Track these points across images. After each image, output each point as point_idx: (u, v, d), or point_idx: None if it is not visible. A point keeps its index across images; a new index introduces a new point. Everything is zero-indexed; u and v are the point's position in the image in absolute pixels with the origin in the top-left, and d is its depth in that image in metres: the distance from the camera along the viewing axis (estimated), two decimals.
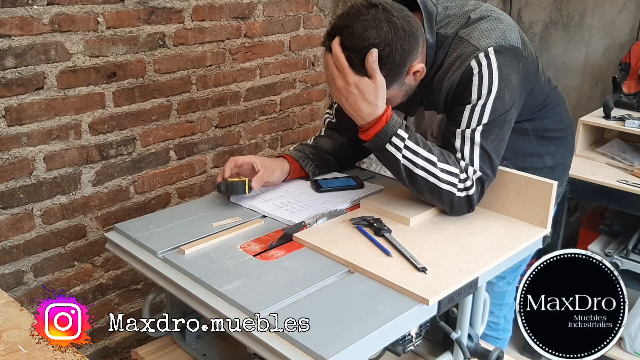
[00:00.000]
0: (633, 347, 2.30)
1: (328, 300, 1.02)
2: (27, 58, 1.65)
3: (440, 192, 1.26)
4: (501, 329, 1.76)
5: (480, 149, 1.27)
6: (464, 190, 1.27)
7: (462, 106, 1.28)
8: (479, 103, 1.26)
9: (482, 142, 1.27)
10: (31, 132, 1.71)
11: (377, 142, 1.25)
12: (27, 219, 1.76)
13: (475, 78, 1.25)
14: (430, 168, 1.25)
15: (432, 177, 1.25)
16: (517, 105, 1.31)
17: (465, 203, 1.28)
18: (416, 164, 1.24)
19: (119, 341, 2.09)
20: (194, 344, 1.40)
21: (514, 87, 1.28)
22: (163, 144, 2.06)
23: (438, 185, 1.25)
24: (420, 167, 1.24)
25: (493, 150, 1.28)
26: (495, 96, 1.25)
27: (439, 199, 1.28)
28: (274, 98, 2.42)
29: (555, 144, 1.54)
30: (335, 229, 1.27)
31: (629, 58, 2.53)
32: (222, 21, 2.12)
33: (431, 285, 1.04)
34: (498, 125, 1.28)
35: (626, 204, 2.13)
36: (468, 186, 1.27)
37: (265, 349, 0.94)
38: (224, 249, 1.21)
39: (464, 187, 1.27)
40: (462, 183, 1.27)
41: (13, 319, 1.03)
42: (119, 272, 2.04)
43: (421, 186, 1.26)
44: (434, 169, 1.25)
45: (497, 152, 1.29)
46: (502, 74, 1.25)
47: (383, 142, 1.24)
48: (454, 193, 1.26)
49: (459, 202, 1.28)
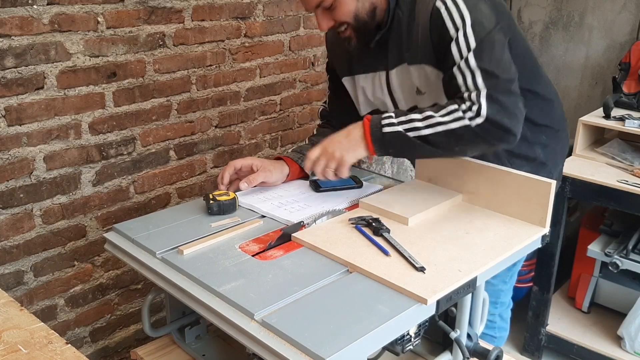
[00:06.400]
0: (633, 347, 2.30)
1: (327, 300, 1.03)
2: (27, 58, 1.65)
3: (456, 133, 1.26)
4: (497, 327, 1.77)
5: (479, 70, 1.28)
6: (476, 117, 1.25)
7: (447, 46, 1.30)
8: (459, 34, 1.29)
9: (478, 64, 1.28)
10: (31, 132, 1.71)
11: (376, 138, 1.29)
12: (27, 218, 1.76)
13: (445, 14, 1.30)
14: (432, 121, 1.27)
15: (440, 126, 1.26)
16: (500, 29, 1.31)
17: (491, 127, 1.26)
18: (418, 127, 1.27)
19: (118, 341, 2.10)
20: (193, 344, 1.40)
21: (487, 14, 1.31)
22: (163, 144, 2.06)
23: (450, 128, 1.26)
24: (424, 127, 1.27)
25: (494, 66, 1.28)
26: (472, 22, 1.28)
27: (465, 141, 1.28)
28: (274, 98, 2.42)
29: (547, 135, 1.54)
30: (334, 228, 1.27)
31: (629, 58, 2.53)
32: (222, 21, 2.13)
33: (430, 284, 1.04)
34: (488, 46, 1.29)
35: (626, 204, 2.13)
36: (477, 110, 1.25)
37: (264, 349, 0.94)
38: (222, 249, 1.21)
39: (474, 113, 1.25)
40: (469, 111, 1.26)
41: (13, 319, 1.03)
42: (119, 272, 2.04)
43: (442, 142, 1.28)
44: (435, 119, 1.27)
45: (499, 68, 1.29)
46: (468, 4, 1.29)
47: (379, 133, 1.29)
48: (468, 124, 1.25)
49: (481, 130, 1.26)
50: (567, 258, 2.59)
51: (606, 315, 2.54)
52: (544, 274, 2.41)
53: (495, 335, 1.77)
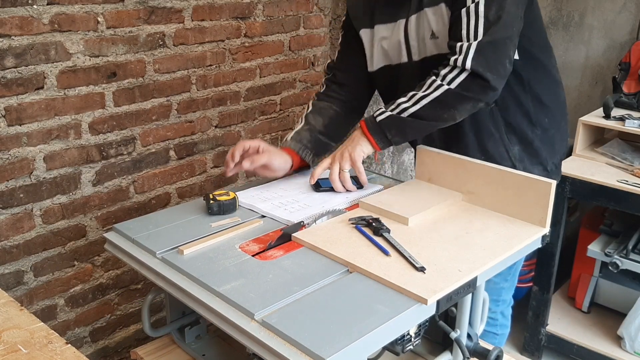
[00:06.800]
0: (633, 347, 2.30)
1: (327, 300, 1.02)
2: (27, 58, 1.65)
3: (440, 100, 1.35)
4: (499, 324, 1.77)
5: (484, 18, 1.32)
6: (458, 74, 1.32)
7: None
8: None
9: (485, 12, 1.32)
10: (31, 132, 1.71)
11: (373, 128, 1.41)
12: (27, 218, 1.76)
13: None
14: (416, 97, 1.37)
15: (424, 99, 1.36)
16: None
17: (472, 80, 1.32)
18: (407, 107, 1.37)
19: (118, 341, 2.10)
20: (193, 344, 1.40)
21: None
22: (163, 144, 2.06)
23: (433, 97, 1.35)
24: (412, 105, 1.37)
25: (497, 18, 1.31)
26: None
27: (450, 105, 1.35)
28: (274, 98, 2.42)
29: (550, 118, 1.56)
30: (334, 228, 1.27)
31: (629, 58, 2.53)
32: (222, 21, 2.13)
33: (430, 284, 1.04)
34: None
35: (626, 204, 2.13)
36: (462, 63, 1.31)
37: (264, 349, 0.94)
38: (222, 249, 1.21)
39: (458, 71, 1.32)
40: (449, 74, 1.34)
41: (13, 319, 1.03)
42: (119, 272, 2.04)
43: (430, 113, 1.36)
44: (418, 95, 1.37)
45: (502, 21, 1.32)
46: None
47: (374, 123, 1.41)
48: (448, 88, 1.34)
49: (462, 88, 1.32)
50: (567, 258, 2.59)
51: (606, 315, 2.54)
52: (544, 274, 2.41)
53: (497, 333, 1.78)
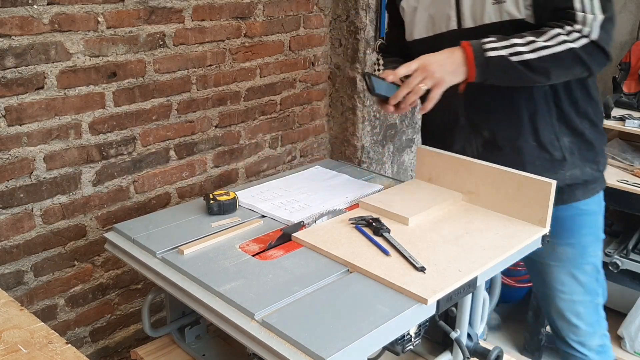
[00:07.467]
0: (633, 347, 2.30)
1: (327, 300, 1.03)
2: (27, 58, 1.65)
3: (560, 56, 1.25)
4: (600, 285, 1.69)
5: None
6: (583, 39, 1.25)
7: None
8: None
9: None
10: (31, 132, 1.71)
11: (480, 62, 1.26)
12: (27, 218, 1.76)
13: None
14: (536, 45, 1.25)
15: (544, 50, 1.25)
16: None
17: (595, 49, 1.25)
18: (522, 52, 1.25)
19: (119, 341, 2.10)
20: (193, 344, 1.40)
21: None
22: (163, 144, 2.06)
23: (554, 51, 1.24)
24: (528, 51, 1.25)
25: None
26: None
27: (565, 65, 1.26)
28: (274, 98, 2.42)
29: (596, 111, 1.48)
30: (334, 228, 1.27)
31: (629, 58, 2.53)
32: (222, 21, 2.12)
33: (430, 284, 1.04)
34: None
35: (626, 204, 2.13)
36: (588, 32, 1.24)
37: (264, 349, 0.94)
38: (222, 249, 1.21)
39: (582, 35, 1.25)
40: (574, 33, 1.25)
41: (13, 319, 1.03)
42: (119, 272, 2.04)
43: (542, 67, 1.26)
44: (539, 44, 1.25)
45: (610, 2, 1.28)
46: None
47: (483, 57, 1.26)
48: (572, 47, 1.24)
49: (585, 52, 1.25)
50: None
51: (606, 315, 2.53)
52: None
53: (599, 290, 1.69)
